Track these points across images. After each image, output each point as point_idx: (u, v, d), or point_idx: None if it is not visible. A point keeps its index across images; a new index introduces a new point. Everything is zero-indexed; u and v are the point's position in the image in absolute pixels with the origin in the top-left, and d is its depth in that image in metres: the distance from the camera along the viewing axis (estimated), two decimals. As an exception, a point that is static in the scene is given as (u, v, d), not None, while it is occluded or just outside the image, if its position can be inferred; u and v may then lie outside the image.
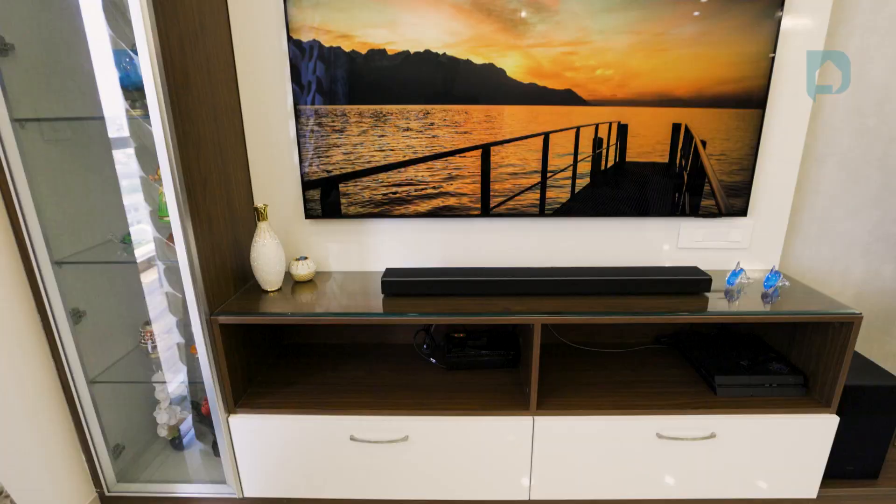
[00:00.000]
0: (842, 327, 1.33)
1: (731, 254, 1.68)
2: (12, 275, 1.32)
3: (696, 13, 1.39)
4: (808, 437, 1.41)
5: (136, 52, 1.16)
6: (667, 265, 1.69)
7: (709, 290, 1.47)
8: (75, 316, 1.42)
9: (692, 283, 1.45)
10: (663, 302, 1.41)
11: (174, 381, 1.59)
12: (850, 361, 1.34)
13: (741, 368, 1.48)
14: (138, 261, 1.46)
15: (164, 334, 1.57)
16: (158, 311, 1.55)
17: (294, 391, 1.51)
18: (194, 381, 1.58)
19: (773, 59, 1.44)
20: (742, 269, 1.54)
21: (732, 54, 1.43)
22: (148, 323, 1.56)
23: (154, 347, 1.56)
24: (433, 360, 1.66)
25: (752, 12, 1.40)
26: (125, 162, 1.45)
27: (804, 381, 1.45)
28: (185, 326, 1.56)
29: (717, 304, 1.41)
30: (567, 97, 1.45)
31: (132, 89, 1.28)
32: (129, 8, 1.10)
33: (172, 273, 1.50)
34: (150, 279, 1.53)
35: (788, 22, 1.45)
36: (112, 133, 1.39)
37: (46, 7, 1.31)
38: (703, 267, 1.66)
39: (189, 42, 1.25)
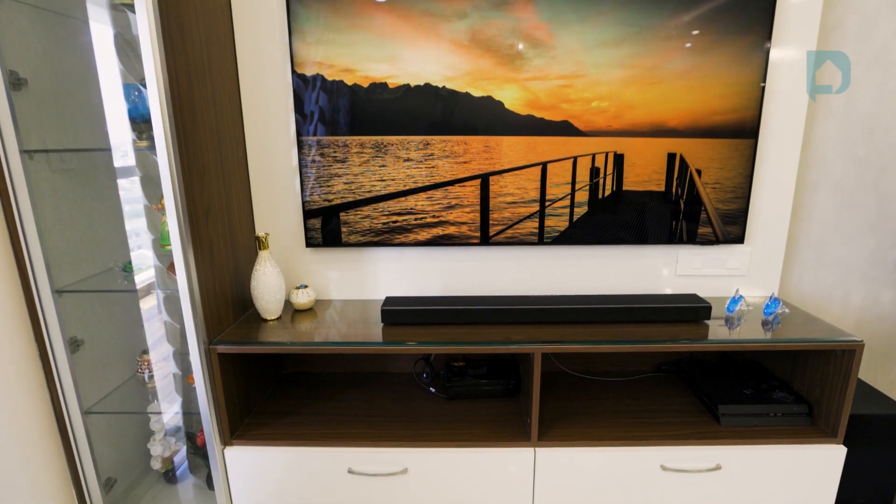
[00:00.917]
0: (844, 355, 1.32)
1: (730, 281, 1.69)
2: (12, 303, 1.32)
3: (688, 47, 1.44)
4: (816, 468, 1.38)
5: (144, 86, 1.19)
6: (666, 292, 1.69)
7: (709, 318, 1.46)
8: (73, 345, 1.42)
9: (692, 310, 1.45)
10: (664, 330, 1.40)
11: (169, 411, 1.57)
12: (854, 390, 1.32)
13: (745, 397, 1.47)
14: (138, 289, 1.46)
15: (161, 362, 1.55)
16: (155, 339, 1.55)
17: (292, 422, 1.49)
18: (190, 412, 1.56)
19: (763, 88, 1.48)
20: (741, 297, 1.54)
21: (724, 87, 1.47)
22: (146, 352, 1.55)
23: (151, 377, 1.54)
24: (433, 390, 1.64)
25: (741, 46, 1.45)
26: (129, 191, 1.48)
27: (809, 410, 1.43)
28: (181, 356, 1.55)
29: (717, 331, 1.40)
30: (564, 128, 1.49)
31: (139, 121, 1.31)
32: (141, 44, 1.14)
33: (171, 302, 1.51)
34: (148, 308, 1.53)
35: (777, 54, 1.50)
36: (117, 163, 1.41)
37: (60, 43, 1.36)
38: (702, 294, 1.66)
39: (197, 76, 1.29)
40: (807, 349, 1.41)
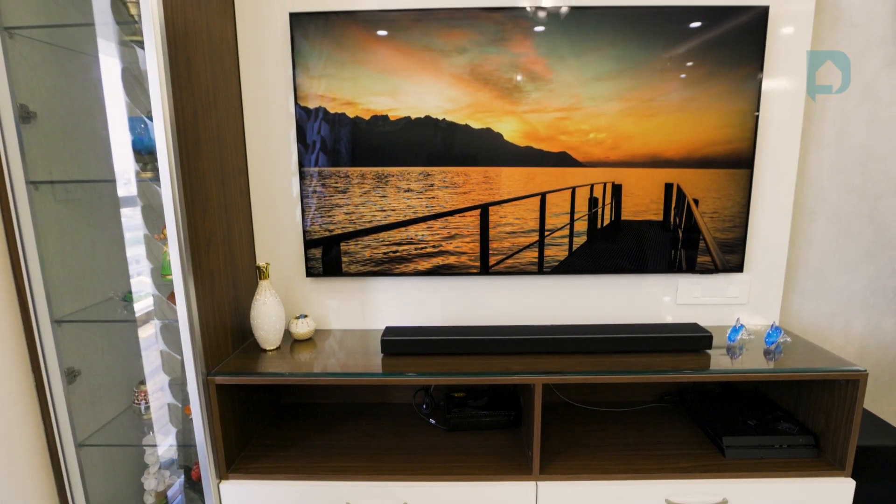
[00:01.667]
0: (848, 385, 1.31)
1: (731, 309, 1.68)
2: (10, 333, 1.31)
3: (682, 80, 1.48)
4: (825, 502, 1.35)
5: (150, 119, 1.22)
6: (667, 321, 1.68)
7: (710, 348, 1.46)
8: (70, 376, 1.40)
9: (693, 340, 1.45)
10: (665, 360, 1.39)
11: (164, 443, 1.54)
12: (860, 420, 1.30)
13: (749, 429, 1.44)
14: (138, 317, 1.46)
15: (157, 392, 1.54)
16: (151, 369, 1.53)
17: (289, 454, 1.46)
18: (186, 444, 1.53)
19: (757, 117, 1.51)
20: (742, 326, 1.54)
21: (718, 118, 1.50)
22: (143, 382, 1.54)
23: (147, 408, 1.52)
24: (433, 421, 1.62)
25: (734, 78, 1.48)
26: (131, 221, 1.49)
27: (815, 442, 1.40)
28: (178, 386, 1.53)
29: (719, 361, 1.40)
30: (562, 159, 1.51)
31: (144, 153, 1.33)
32: (148, 79, 1.17)
33: (169, 332, 1.50)
34: (146, 337, 1.52)
35: (769, 85, 1.53)
36: (120, 193, 1.43)
37: (70, 78, 1.39)
38: (702, 323, 1.66)
39: (202, 109, 1.32)
40: (810, 379, 1.40)
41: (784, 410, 1.54)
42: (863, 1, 1.54)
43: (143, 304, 1.47)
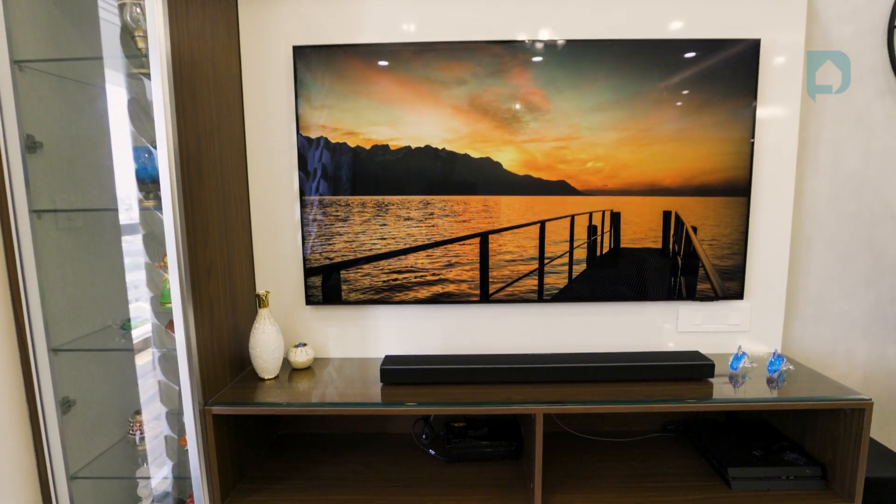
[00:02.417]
0: (853, 414, 1.29)
1: (732, 337, 1.67)
2: (6, 362, 1.30)
3: (677, 110, 1.50)
4: (835, 537, 1.31)
5: (155, 148, 1.24)
6: (669, 348, 1.67)
7: (712, 376, 1.44)
8: (65, 405, 1.38)
9: (695, 368, 1.44)
10: (667, 388, 1.38)
11: (158, 475, 1.51)
12: (867, 450, 1.28)
13: (755, 459, 1.42)
14: (135, 343, 1.45)
15: (152, 423, 1.51)
16: (147, 398, 1.51)
17: (285, 487, 1.43)
18: (180, 477, 1.50)
19: (752, 144, 1.53)
20: (744, 353, 1.53)
21: (714, 146, 1.52)
22: (138, 412, 1.52)
23: (142, 439, 1.49)
24: (432, 452, 1.59)
25: (728, 108, 1.51)
26: (132, 248, 1.49)
27: (822, 473, 1.38)
28: (174, 417, 1.51)
29: (722, 389, 1.38)
30: (561, 188, 1.53)
31: (148, 181, 1.35)
32: (154, 109, 1.19)
33: (167, 360, 1.48)
34: (142, 365, 1.51)
35: (763, 114, 1.56)
36: (122, 221, 1.44)
37: (77, 109, 1.42)
38: (704, 350, 1.64)
39: (206, 139, 1.34)
40: (814, 408, 1.38)
41: (789, 440, 1.52)
42: (852, 33, 1.59)
43: (140, 331, 1.46)
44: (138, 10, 1.27)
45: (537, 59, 1.49)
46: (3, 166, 1.24)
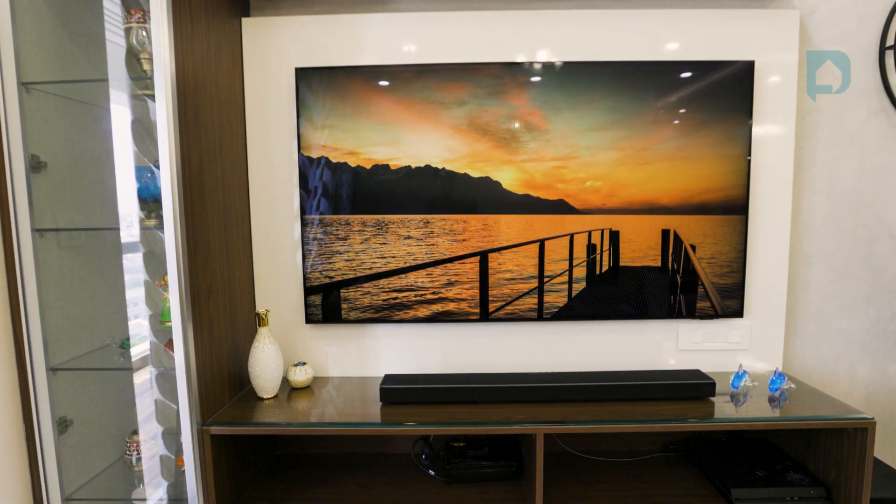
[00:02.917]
0: (856, 433, 1.29)
1: (732, 355, 1.67)
2: (4, 382, 1.30)
3: (674, 130, 1.52)
4: (842, 560, 1.29)
5: (157, 167, 1.25)
6: (669, 367, 1.67)
7: (714, 395, 1.43)
8: (61, 425, 1.37)
9: (696, 387, 1.43)
10: (669, 408, 1.37)
11: (154, 496, 1.49)
12: (871, 471, 1.27)
13: (758, 480, 1.40)
14: (133, 361, 1.44)
15: (149, 442, 1.50)
16: (144, 417, 1.50)
17: (283, 509, 1.41)
18: (177, 498, 1.48)
19: (749, 162, 1.55)
20: (745, 372, 1.52)
21: (712, 166, 1.54)
22: (135, 432, 1.50)
23: (139, 459, 1.48)
24: (432, 473, 1.57)
25: (724, 128, 1.53)
26: (133, 268, 1.50)
27: (827, 494, 1.36)
28: (171, 436, 1.49)
29: (724, 408, 1.37)
30: (560, 207, 1.54)
31: (150, 201, 1.36)
32: (158, 130, 1.21)
33: (165, 379, 1.48)
34: (140, 383, 1.50)
35: (759, 132, 1.58)
36: (123, 239, 1.44)
37: (82, 129, 1.43)
38: (704, 369, 1.64)
39: (208, 159, 1.35)
40: (817, 427, 1.37)
41: (793, 460, 1.50)
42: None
43: (138, 349, 1.45)
44: (144, 33, 1.29)
45: (535, 80, 1.52)
46: (7, 186, 1.25)
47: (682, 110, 1.52)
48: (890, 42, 1.59)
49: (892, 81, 1.61)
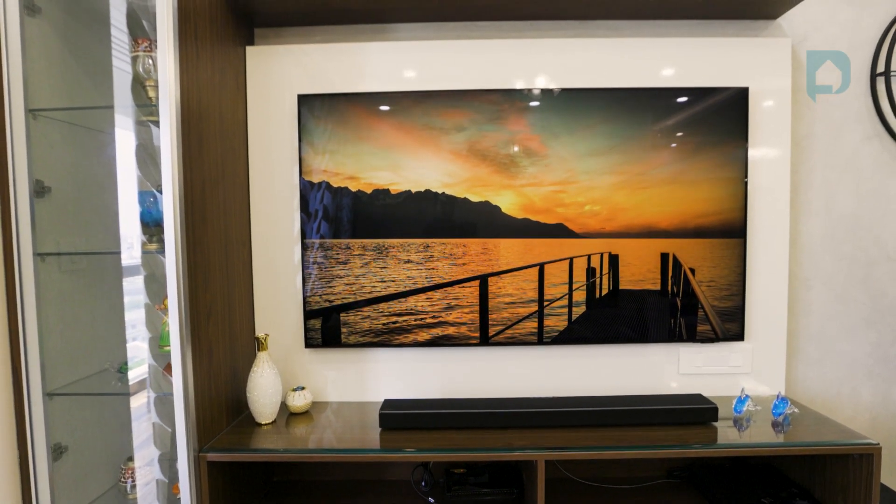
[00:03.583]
0: (862, 459, 1.27)
1: (734, 379, 1.66)
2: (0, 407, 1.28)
3: (671, 155, 1.54)
4: (851, 592, 1.26)
5: (160, 192, 1.26)
6: (671, 390, 1.65)
7: (716, 420, 1.42)
8: (56, 452, 1.35)
9: (699, 412, 1.42)
10: (672, 433, 1.35)
11: (148, 525, 1.46)
12: (879, 498, 1.25)
13: (764, 508, 1.38)
14: (130, 385, 1.43)
15: (144, 468, 1.47)
16: (140, 442, 1.48)
17: (280, 538, 1.38)
18: (171, 528, 1.45)
19: (746, 187, 1.56)
20: (748, 396, 1.51)
21: (709, 190, 1.56)
22: (131, 459, 1.48)
23: (133, 487, 1.45)
24: (432, 501, 1.54)
25: (721, 152, 1.55)
26: (133, 290, 1.50)
27: (834, 523, 1.34)
28: (167, 462, 1.47)
29: (727, 433, 1.36)
30: (559, 231, 1.55)
31: (152, 225, 1.37)
32: (161, 156, 1.23)
33: (163, 403, 1.46)
34: (137, 407, 1.48)
35: (755, 158, 1.59)
36: (124, 262, 1.45)
37: (86, 154, 1.45)
38: (706, 393, 1.63)
39: (210, 184, 1.37)
40: (822, 453, 1.36)
41: (798, 486, 1.48)
42: (836, 81, 1.65)
43: (136, 372, 1.44)
44: (150, 61, 1.32)
45: (534, 105, 1.55)
46: (10, 211, 1.26)
47: (678, 134, 1.54)
48: (880, 69, 1.63)
49: (883, 107, 1.64)
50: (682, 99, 1.54)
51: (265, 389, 1.43)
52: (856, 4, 1.63)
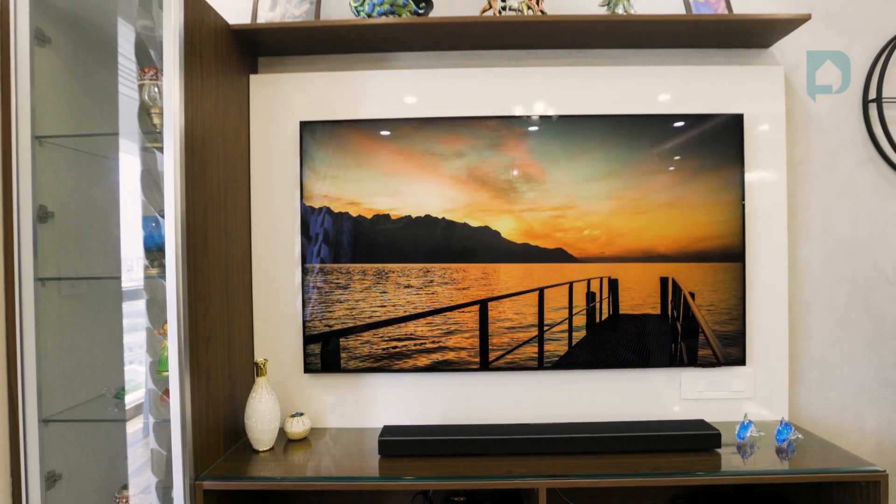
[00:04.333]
0: (869, 486, 1.25)
1: (737, 404, 1.64)
2: (-6, 435, 1.27)
3: (669, 180, 1.56)
4: None
5: (163, 217, 1.27)
6: (673, 415, 1.63)
7: (720, 446, 1.40)
8: (49, 480, 1.33)
9: (702, 438, 1.40)
10: (675, 460, 1.34)
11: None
12: (887, 529, 1.23)
13: (770, 538, 1.35)
14: (126, 410, 1.41)
15: (139, 496, 1.45)
16: (136, 468, 1.46)
17: (276, 570, 1.35)
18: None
19: (743, 210, 1.57)
20: (751, 422, 1.49)
21: (708, 214, 1.57)
22: (125, 487, 1.46)
23: (128, 516, 1.43)
24: (432, 529, 1.51)
25: (718, 177, 1.57)
26: (132, 313, 1.49)
27: (843, 554, 1.31)
28: (162, 490, 1.45)
29: (731, 460, 1.34)
30: (558, 255, 1.56)
31: (154, 250, 1.37)
32: (164, 181, 1.24)
33: (161, 430, 1.45)
34: (133, 432, 1.46)
35: (752, 182, 1.61)
36: (125, 286, 1.45)
37: (89, 180, 1.47)
38: (709, 418, 1.61)
39: (212, 209, 1.38)
40: (828, 481, 1.34)
41: (805, 516, 1.45)
42: (829, 108, 1.68)
43: (133, 396, 1.43)
44: (156, 89, 1.35)
45: (533, 130, 1.57)
46: (13, 236, 1.27)
47: (676, 158, 1.56)
48: (872, 96, 1.66)
49: (876, 132, 1.67)
50: (679, 124, 1.57)
51: (263, 416, 1.42)
52: (846, 34, 1.67)
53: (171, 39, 1.23)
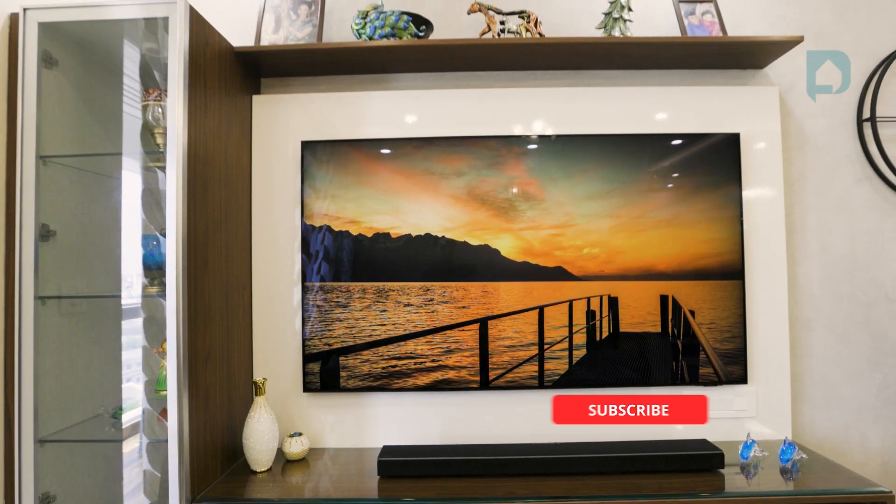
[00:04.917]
0: (875, 508, 1.23)
1: (739, 423, 1.62)
2: (-10, 456, 1.25)
3: (668, 198, 1.57)
4: None
5: (164, 235, 1.28)
6: (675, 435, 1.61)
7: (723, 466, 1.38)
8: (44, 502, 1.31)
9: (705, 458, 1.39)
10: (678, 481, 1.32)
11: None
12: (895, 552, 1.21)
13: (777, 562, 1.32)
14: (122, 430, 1.40)
15: (133, 517, 1.42)
16: (130, 490, 1.44)
17: None
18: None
19: (742, 227, 1.58)
20: (754, 441, 1.48)
21: (707, 232, 1.58)
22: (121, 509, 1.43)
23: (122, 540, 1.40)
24: (432, 553, 1.48)
25: (716, 195, 1.58)
26: (131, 333, 1.49)
27: (851, 578, 1.28)
28: (159, 512, 1.42)
29: (735, 481, 1.32)
30: (558, 274, 1.56)
31: (154, 268, 1.37)
32: (166, 201, 1.25)
33: (156, 450, 1.43)
34: (128, 452, 1.44)
35: (750, 200, 1.62)
36: (124, 304, 1.44)
37: (92, 199, 1.48)
38: (711, 438, 1.58)
39: (213, 228, 1.39)
40: (834, 502, 1.31)
41: (811, 538, 1.43)
42: (824, 127, 1.70)
43: (129, 415, 1.41)
44: (160, 110, 1.37)
45: (532, 149, 1.59)
46: (15, 254, 1.27)
47: (674, 175, 1.58)
48: (866, 115, 1.68)
49: (871, 151, 1.68)
50: (677, 143, 1.59)
51: (262, 436, 1.40)
52: (840, 55, 1.70)
53: (176, 61, 1.25)
